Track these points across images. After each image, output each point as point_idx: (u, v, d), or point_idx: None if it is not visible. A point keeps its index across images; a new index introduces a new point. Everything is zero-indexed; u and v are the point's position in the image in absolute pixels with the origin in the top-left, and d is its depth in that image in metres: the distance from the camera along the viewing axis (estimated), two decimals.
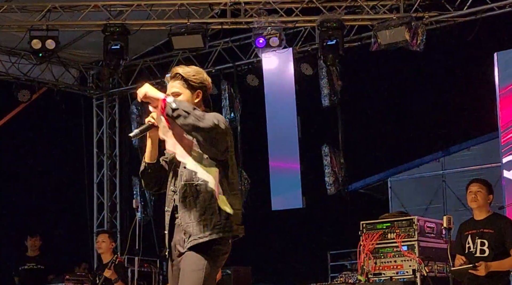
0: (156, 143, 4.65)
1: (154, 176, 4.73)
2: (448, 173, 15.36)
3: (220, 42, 13.15)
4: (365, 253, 8.17)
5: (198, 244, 4.50)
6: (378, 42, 11.20)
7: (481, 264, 6.95)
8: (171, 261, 4.72)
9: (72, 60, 13.82)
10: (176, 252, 4.64)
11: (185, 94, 4.61)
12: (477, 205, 7.24)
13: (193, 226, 4.52)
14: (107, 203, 14.13)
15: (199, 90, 4.65)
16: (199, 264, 4.49)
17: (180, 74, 4.64)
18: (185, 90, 4.62)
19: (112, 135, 14.43)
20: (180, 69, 4.67)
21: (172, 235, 4.64)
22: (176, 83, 4.65)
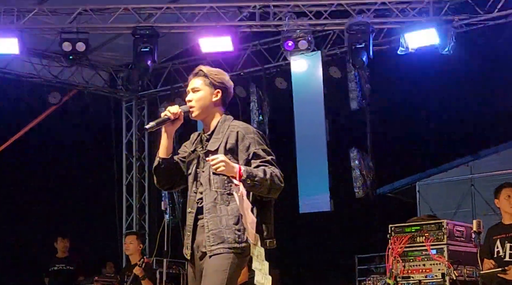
0: (171, 138, 4.69)
1: (167, 173, 4.72)
2: (477, 177, 15.28)
3: (249, 45, 13.18)
4: (394, 256, 8.14)
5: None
6: (407, 45, 11.18)
7: (511, 268, 6.92)
8: (191, 263, 4.72)
9: (102, 62, 13.93)
10: (198, 253, 4.65)
11: (205, 90, 4.68)
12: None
13: (226, 232, 4.52)
14: (136, 205, 14.20)
15: (219, 90, 4.71)
16: (223, 265, 4.50)
17: (203, 71, 4.72)
18: (205, 87, 4.68)
19: (141, 137, 14.51)
20: (203, 67, 4.75)
21: (195, 236, 4.65)
22: (197, 79, 4.71)
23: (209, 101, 4.66)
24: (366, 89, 12.37)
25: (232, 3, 11.97)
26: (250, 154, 4.54)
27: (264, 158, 4.53)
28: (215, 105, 4.66)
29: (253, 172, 4.41)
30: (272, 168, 4.48)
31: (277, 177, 4.45)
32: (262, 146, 4.57)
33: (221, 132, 4.63)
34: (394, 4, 11.53)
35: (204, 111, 4.67)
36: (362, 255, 14.72)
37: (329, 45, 12.60)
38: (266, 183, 4.42)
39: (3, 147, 13.77)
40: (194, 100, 4.67)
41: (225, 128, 4.63)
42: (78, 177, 14.80)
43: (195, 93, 4.67)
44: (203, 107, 4.66)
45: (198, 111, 4.66)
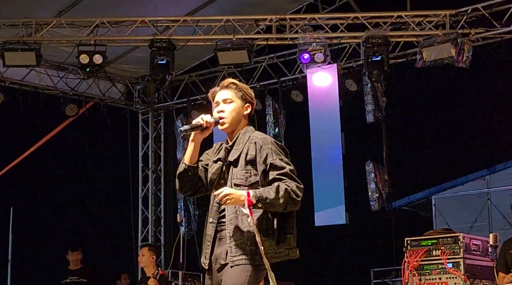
0: (198, 146, 4.69)
1: (191, 180, 4.72)
2: (494, 191, 15.22)
3: (265, 58, 13.21)
4: (410, 269, 8.12)
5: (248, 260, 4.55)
6: (423, 58, 11.17)
7: None
8: (209, 273, 4.73)
9: (119, 75, 13.99)
10: (216, 265, 4.66)
11: (237, 103, 4.72)
12: None
13: (247, 244, 4.55)
14: (151, 217, 14.22)
15: (249, 104, 4.76)
16: (241, 277, 4.52)
17: (236, 84, 4.76)
18: (237, 100, 4.72)
19: (157, 149, 14.54)
20: (234, 80, 4.79)
21: (213, 247, 4.68)
22: (229, 91, 4.73)
23: (240, 114, 4.71)
24: (382, 102, 12.35)
25: (249, 16, 12.01)
26: (268, 165, 4.56)
27: (282, 169, 4.54)
28: (243, 118, 4.72)
29: (263, 195, 4.44)
30: (288, 181, 4.49)
31: (293, 191, 4.47)
32: (279, 156, 4.59)
33: (241, 143, 4.67)
34: (411, 17, 11.53)
35: (234, 123, 4.71)
36: (377, 269, 14.65)
37: (345, 58, 12.61)
38: (279, 202, 4.45)
39: (20, 159, 13.82)
40: (227, 111, 4.69)
41: (245, 139, 4.67)
42: (94, 190, 14.84)
43: (228, 105, 4.70)
44: (234, 119, 4.69)
45: (229, 122, 4.70)
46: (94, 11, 11.98)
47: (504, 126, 13.60)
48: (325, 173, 12.34)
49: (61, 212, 14.77)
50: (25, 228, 14.41)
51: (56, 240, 14.16)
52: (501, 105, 13.25)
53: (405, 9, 11.71)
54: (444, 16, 11.35)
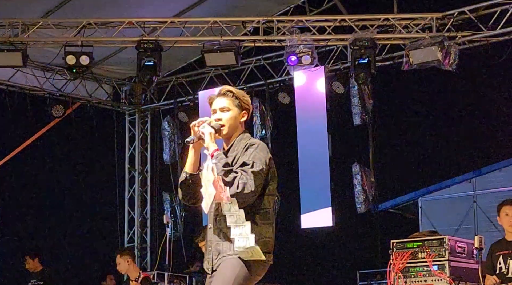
0: (199, 154, 4.76)
1: (193, 188, 4.78)
2: (479, 194, 15.25)
3: (252, 60, 13.22)
4: (395, 272, 8.13)
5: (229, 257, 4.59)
6: (410, 61, 11.20)
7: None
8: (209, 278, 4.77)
9: (106, 76, 13.98)
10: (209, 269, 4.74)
11: (233, 111, 4.79)
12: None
13: (223, 244, 4.63)
14: (137, 219, 14.20)
15: (245, 111, 4.84)
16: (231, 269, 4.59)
17: (232, 91, 4.84)
18: (234, 108, 4.79)
19: (144, 151, 14.53)
20: (231, 88, 4.87)
21: None
22: (225, 99, 4.81)
23: (237, 121, 4.79)
24: (369, 105, 12.38)
25: (236, 18, 12.01)
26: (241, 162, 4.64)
27: (246, 165, 4.60)
28: (240, 125, 4.81)
29: (221, 163, 4.54)
30: (244, 174, 4.54)
31: (239, 183, 4.51)
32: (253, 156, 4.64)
33: (235, 149, 4.75)
34: (398, 20, 11.56)
35: (232, 131, 4.78)
36: (363, 271, 14.67)
37: (332, 61, 12.63)
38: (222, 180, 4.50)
39: (6, 159, 13.78)
40: (225, 120, 4.77)
41: (240, 145, 4.75)
42: (81, 190, 14.80)
43: (225, 113, 4.78)
44: (232, 127, 4.77)
45: (228, 130, 4.77)
46: (81, 12, 11.96)
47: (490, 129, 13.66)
48: (312, 175, 12.35)
49: (46, 212, 14.71)
50: (10, 228, 14.35)
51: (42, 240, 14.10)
52: (487, 108, 13.30)
53: (392, 12, 11.74)
54: (430, 19, 11.38)
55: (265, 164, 4.61)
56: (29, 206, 14.76)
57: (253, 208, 4.60)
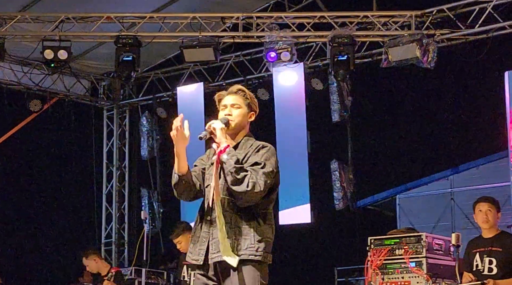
0: (184, 155, 4.79)
1: (187, 187, 4.83)
2: (457, 191, 15.35)
3: (232, 56, 13.20)
4: (373, 269, 8.14)
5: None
6: (388, 58, 11.22)
7: (490, 281, 6.94)
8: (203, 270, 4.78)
9: (84, 71, 13.90)
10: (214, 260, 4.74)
11: (243, 109, 4.91)
12: (489, 225, 7.25)
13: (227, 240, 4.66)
14: (115, 214, 14.15)
15: (253, 112, 4.96)
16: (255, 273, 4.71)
17: (244, 91, 4.96)
18: (244, 106, 4.92)
19: (122, 146, 14.47)
20: (243, 88, 4.99)
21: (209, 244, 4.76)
22: (237, 97, 4.94)
23: (245, 119, 4.91)
24: (348, 102, 12.40)
25: (215, 14, 11.98)
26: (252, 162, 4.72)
27: (257, 165, 4.68)
28: (246, 125, 4.93)
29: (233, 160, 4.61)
30: (254, 173, 4.60)
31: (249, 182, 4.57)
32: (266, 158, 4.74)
33: (243, 148, 4.84)
34: (377, 17, 11.58)
35: (239, 127, 4.90)
36: (341, 267, 14.72)
37: (311, 57, 12.64)
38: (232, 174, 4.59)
39: None
40: (234, 115, 4.89)
41: (247, 145, 4.85)
42: (58, 186, 14.72)
43: (236, 109, 4.90)
44: (239, 124, 4.89)
45: (235, 125, 4.87)
46: (59, 6, 11.89)
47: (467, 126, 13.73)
48: (290, 172, 12.33)
49: (23, 208, 14.62)
50: None
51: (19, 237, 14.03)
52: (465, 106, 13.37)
53: (371, 9, 11.76)
54: (409, 17, 11.41)
55: (275, 168, 4.74)
56: (5, 201, 14.67)
57: (257, 209, 4.71)
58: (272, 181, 4.70)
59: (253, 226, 4.67)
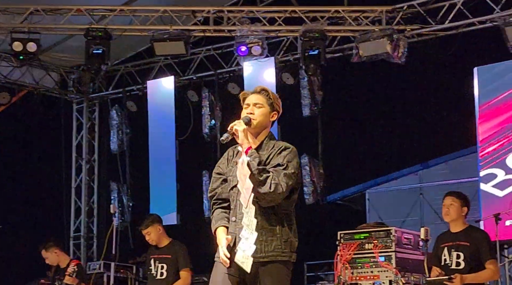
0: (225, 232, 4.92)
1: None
2: (426, 186, 15.41)
3: (202, 50, 13.16)
4: (342, 263, 8.17)
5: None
6: (359, 53, 11.25)
7: (457, 276, 6.98)
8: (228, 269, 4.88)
9: (53, 63, 13.78)
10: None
11: (266, 109, 4.99)
12: (450, 218, 7.31)
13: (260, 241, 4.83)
14: (84, 208, 14.08)
15: (275, 112, 5.05)
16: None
17: (268, 91, 5.06)
18: (267, 106, 5.00)
19: (91, 140, 14.39)
20: (266, 88, 5.10)
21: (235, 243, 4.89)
22: (261, 96, 5.02)
23: (268, 119, 5.01)
24: (319, 96, 12.42)
25: (186, 7, 11.94)
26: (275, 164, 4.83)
27: (280, 166, 4.79)
28: (268, 124, 5.03)
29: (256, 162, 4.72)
30: (276, 176, 4.72)
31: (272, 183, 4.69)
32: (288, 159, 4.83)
33: (266, 148, 4.94)
34: (348, 12, 11.61)
35: (261, 126, 4.99)
36: (311, 262, 14.73)
37: (282, 52, 12.64)
38: (256, 176, 4.69)
39: None
40: (257, 114, 4.97)
41: (270, 146, 4.95)
42: (26, 179, 14.60)
43: (258, 109, 4.98)
44: (262, 122, 4.98)
45: (257, 124, 4.97)
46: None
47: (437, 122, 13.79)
48: None
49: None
50: None
51: None
52: (435, 101, 13.43)
53: (342, 4, 11.79)
54: (380, 12, 11.45)
55: (297, 169, 4.85)
56: None
57: (280, 209, 4.85)
58: (293, 182, 4.82)
59: (278, 227, 4.84)
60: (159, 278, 8.41)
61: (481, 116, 10.78)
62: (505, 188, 10.33)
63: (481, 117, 10.78)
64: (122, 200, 13.54)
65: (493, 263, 7.12)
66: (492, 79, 10.80)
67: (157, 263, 8.45)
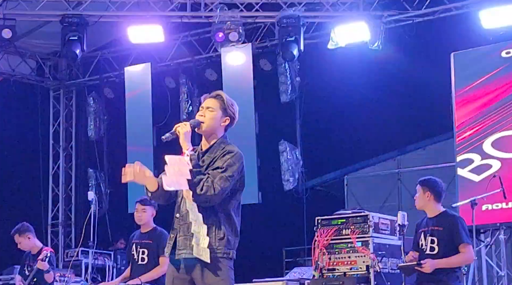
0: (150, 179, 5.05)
1: (163, 195, 5.09)
2: (404, 171, 15.45)
3: (180, 36, 13.11)
4: (320, 248, 8.18)
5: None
6: (337, 39, 11.25)
7: (427, 261, 7.02)
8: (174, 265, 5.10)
9: (29, 50, 13.69)
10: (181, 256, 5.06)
11: (217, 113, 5.13)
12: (417, 207, 7.37)
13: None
14: (62, 195, 14.03)
15: (228, 118, 5.18)
16: None
17: (222, 97, 5.19)
18: (219, 111, 5.14)
19: (69, 127, 14.33)
20: (222, 94, 5.23)
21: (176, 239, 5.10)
22: (214, 101, 5.16)
23: (218, 123, 5.14)
24: (296, 82, 12.43)
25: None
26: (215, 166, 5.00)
27: (217, 169, 4.96)
28: (220, 129, 5.16)
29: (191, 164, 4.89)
30: (211, 180, 4.88)
31: (204, 185, 4.87)
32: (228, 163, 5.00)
33: (214, 152, 5.10)
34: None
35: (210, 130, 5.13)
36: (289, 248, 14.77)
37: (259, 38, 12.62)
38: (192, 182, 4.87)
39: None
40: (207, 118, 5.12)
41: (219, 149, 5.10)
42: (3, 167, 14.52)
43: (210, 112, 5.13)
44: (211, 126, 5.12)
45: (207, 128, 5.12)
46: None
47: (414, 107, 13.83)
48: None
49: None
50: None
51: None
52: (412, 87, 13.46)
53: None
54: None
55: (236, 172, 5.00)
56: None
57: (219, 209, 4.99)
58: (230, 185, 4.96)
59: (215, 225, 4.95)
60: (140, 263, 8.43)
61: (457, 102, 10.80)
62: (482, 173, 10.36)
63: (457, 103, 10.80)
64: (99, 187, 13.51)
65: (467, 246, 7.14)
66: (468, 65, 10.81)
67: (138, 248, 8.47)
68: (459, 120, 10.77)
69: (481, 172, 10.38)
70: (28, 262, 9.31)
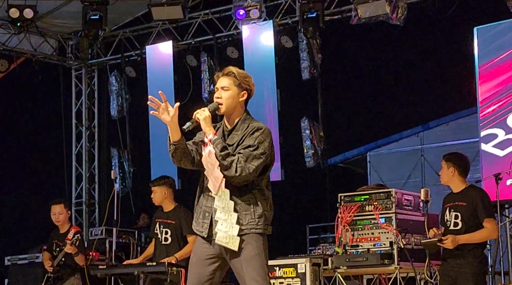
0: (175, 124, 5.03)
1: (185, 154, 5.04)
2: (427, 148, 15.42)
3: (200, 14, 13.06)
4: (343, 225, 8.19)
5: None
6: (358, 15, 11.18)
7: (448, 237, 6.99)
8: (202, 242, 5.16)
9: (51, 30, 13.70)
10: None
11: (233, 90, 5.12)
12: (442, 182, 7.35)
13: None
14: (85, 174, 14.08)
15: (245, 91, 5.16)
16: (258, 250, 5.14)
17: (234, 72, 5.15)
18: (234, 88, 5.12)
19: (91, 106, 14.36)
20: (233, 69, 5.19)
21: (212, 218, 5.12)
22: (227, 79, 5.14)
23: (236, 100, 5.12)
24: (318, 59, 12.35)
25: None
26: (246, 145, 5.02)
27: (248, 147, 4.97)
28: (240, 105, 5.13)
29: (218, 148, 4.92)
30: (243, 159, 4.90)
31: (239, 168, 4.88)
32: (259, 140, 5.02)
33: (240, 129, 5.11)
34: None
35: (231, 109, 5.12)
36: (313, 225, 14.78)
37: (280, 15, 12.54)
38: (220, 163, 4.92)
39: None
40: (224, 98, 5.11)
41: (245, 126, 5.12)
42: (27, 147, 14.61)
43: (226, 92, 5.11)
44: (230, 105, 5.11)
45: (226, 108, 5.11)
46: None
47: (437, 83, 13.76)
48: None
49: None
50: None
51: None
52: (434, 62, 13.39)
53: None
54: None
55: (268, 149, 5.02)
56: None
57: (252, 186, 5.02)
58: (263, 162, 4.98)
59: (252, 202, 5.00)
60: (164, 243, 8.43)
61: (481, 77, 10.72)
62: (506, 148, 10.30)
63: (481, 78, 10.72)
64: (123, 166, 13.54)
65: (490, 221, 7.11)
66: (492, 39, 10.72)
67: (161, 228, 8.48)
68: (483, 95, 10.70)
69: (505, 147, 10.32)
70: (57, 241, 9.34)
